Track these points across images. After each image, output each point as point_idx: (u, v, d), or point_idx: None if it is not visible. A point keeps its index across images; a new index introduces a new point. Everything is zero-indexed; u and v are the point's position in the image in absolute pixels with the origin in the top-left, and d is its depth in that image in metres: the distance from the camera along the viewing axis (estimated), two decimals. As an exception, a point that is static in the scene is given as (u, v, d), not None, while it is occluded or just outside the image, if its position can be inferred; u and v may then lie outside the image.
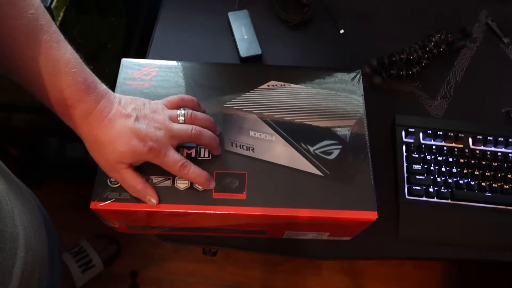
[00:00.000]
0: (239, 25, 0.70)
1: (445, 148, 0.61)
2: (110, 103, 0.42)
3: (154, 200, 0.44)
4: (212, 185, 0.45)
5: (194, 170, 0.44)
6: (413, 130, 0.61)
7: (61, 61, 0.38)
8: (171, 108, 0.47)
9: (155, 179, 0.45)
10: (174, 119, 0.45)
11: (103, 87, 0.43)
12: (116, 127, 0.41)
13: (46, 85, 0.38)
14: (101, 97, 0.41)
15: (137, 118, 0.42)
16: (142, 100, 0.45)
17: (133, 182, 0.43)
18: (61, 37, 0.40)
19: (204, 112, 0.50)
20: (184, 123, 0.45)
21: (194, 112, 0.47)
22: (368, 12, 0.75)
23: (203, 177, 0.44)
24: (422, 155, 0.60)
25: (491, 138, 0.61)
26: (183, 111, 0.46)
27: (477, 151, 0.60)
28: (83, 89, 0.40)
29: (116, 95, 0.44)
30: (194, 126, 0.45)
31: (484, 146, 0.61)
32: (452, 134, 0.61)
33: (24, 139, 1.04)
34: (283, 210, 0.45)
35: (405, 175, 0.59)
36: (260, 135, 0.49)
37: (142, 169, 0.45)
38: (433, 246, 0.57)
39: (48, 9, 0.68)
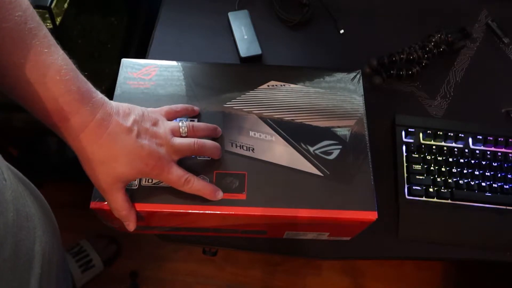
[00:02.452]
0: (239, 25, 0.70)
1: (445, 148, 0.61)
2: (108, 114, 0.39)
3: (131, 227, 0.44)
4: (219, 195, 0.45)
5: (197, 184, 0.43)
6: (413, 130, 0.61)
7: (51, 68, 0.35)
8: (169, 119, 0.46)
9: (155, 179, 0.45)
10: (176, 132, 0.44)
11: (99, 95, 0.39)
12: (117, 144, 0.39)
13: (35, 95, 0.35)
14: (98, 108, 0.38)
15: (138, 134, 0.40)
16: (141, 110, 0.43)
17: (121, 206, 0.42)
18: (52, 41, 0.36)
19: (199, 114, 0.50)
20: (186, 135, 0.44)
21: (195, 124, 0.46)
22: (368, 12, 0.75)
23: (207, 189, 0.44)
24: (422, 155, 0.60)
25: (491, 138, 0.61)
26: (185, 123, 0.45)
27: (477, 151, 0.60)
28: (77, 99, 0.36)
29: (113, 104, 0.41)
30: (196, 140, 0.44)
31: (484, 146, 0.61)
32: (452, 134, 0.61)
33: (24, 139, 1.04)
34: (283, 210, 0.45)
35: (405, 175, 0.59)
36: (260, 135, 0.49)
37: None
38: (433, 246, 0.57)
39: (48, 9, 0.68)
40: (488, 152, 0.60)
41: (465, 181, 0.59)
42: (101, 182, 0.40)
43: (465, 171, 0.59)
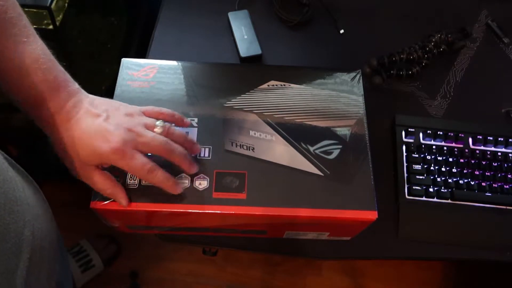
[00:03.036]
0: (239, 25, 0.70)
1: (445, 148, 0.61)
2: (81, 102, 0.40)
3: (124, 202, 0.43)
4: (180, 189, 0.43)
5: (162, 175, 0.42)
6: (413, 130, 0.61)
7: (30, 57, 0.36)
8: (149, 117, 0.45)
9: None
10: (150, 128, 0.42)
11: (75, 86, 0.40)
12: (82, 126, 0.39)
13: (13, 82, 0.36)
14: (71, 96, 0.39)
15: (107, 118, 0.40)
16: (119, 103, 0.43)
17: (103, 186, 0.41)
18: (31, 31, 0.37)
19: (199, 114, 0.49)
20: (159, 129, 0.43)
21: (173, 127, 0.44)
22: (368, 12, 0.75)
23: (172, 182, 0.43)
24: (422, 155, 0.60)
25: (491, 138, 0.61)
26: (162, 123, 0.43)
27: (477, 151, 0.60)
28: (53, 88, 0.38)
29: (90, 96, 0.41)
30: (167, 140, 0.42)
31: (484, 146, 0.61)
32: (452, 134, 0.61)
33: (24, 139, 1.04)
34: (283, 210, 0.45)
35: (405, 175, 0.59)
36: (260, 135, 0.49)
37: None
38: (433, 246, 0.57)
39: (48, 9, 0.68)
40: (488, 152, 0.60)
41: (465, 181, 0.59)
42: (72, 165, 0.40)
43: (465, 171, 0.59)
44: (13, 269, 0.33)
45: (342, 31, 0.73)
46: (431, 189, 0.58)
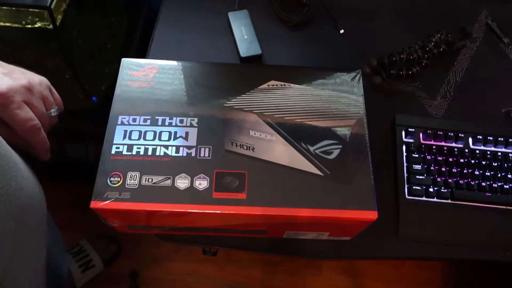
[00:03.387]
0: (239, 25, 0.70)
1: (445, 148, 0.61)
2: None
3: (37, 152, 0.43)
4: (49, 155, 0.44)
5: (43, 137, 0.42)
6: (413, 130, 0.61)
7: None
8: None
9: (155, 179, 0.45)
10: (47, 104, 0.43)
11: None
12: None
13: None
14: None
15: (8, 73, 0.39)
16: (32, 74, 0.43)
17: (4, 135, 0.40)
18: None
19: (200, 114, 0.50)
20: (52, 115, 0.44)
21: (56, 117, 0.45)
22: (368, 12, 0.75)
23: (47, 146, 0.43)
24: (422, 155, 0.60)
25: (491, 138, 0.61)
26: (57, 112, 0.44)
27: (477, 151, 0.60)
28: None
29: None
30: (50, 124, 0.43)
31: (484, 146, 0.61)
32: (452, 134, 0.61)
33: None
34: (283, 210, 0.45)
35: (405, 175, 0.59)
36: (260, 135, 0.49)
37: (138, 169, 0.45)
38: (433, 246, 0.57)
39: (48, 9, 0.67)
40: (488, 152, 0.60)
41: (465, 181, 0.59)
42: None
43: (465, 171, 0.59)
44: (2, 218, 0.33)
45: (342, 31, 0.73)
46: (431, 189, 0.58)
